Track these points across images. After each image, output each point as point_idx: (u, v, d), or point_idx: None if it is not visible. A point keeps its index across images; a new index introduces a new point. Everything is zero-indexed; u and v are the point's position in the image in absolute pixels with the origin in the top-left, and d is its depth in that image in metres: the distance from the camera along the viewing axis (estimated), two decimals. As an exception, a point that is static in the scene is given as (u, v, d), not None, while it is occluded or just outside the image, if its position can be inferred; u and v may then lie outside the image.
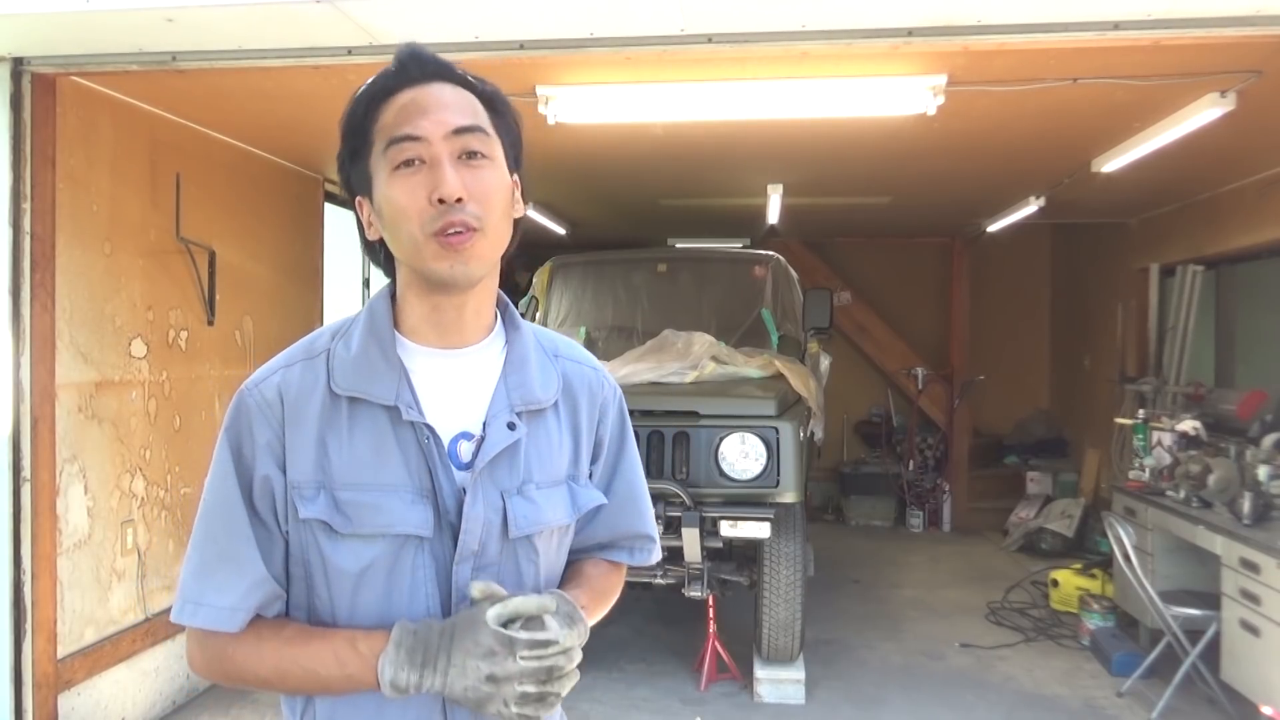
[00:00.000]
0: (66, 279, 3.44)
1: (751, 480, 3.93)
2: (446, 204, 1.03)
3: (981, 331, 8.47)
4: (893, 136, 4.32)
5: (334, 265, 5.74)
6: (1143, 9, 2.66)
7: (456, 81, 1.10)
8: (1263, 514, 4.00)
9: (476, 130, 1.07)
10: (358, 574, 1.07)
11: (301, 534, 1.08)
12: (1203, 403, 5.47)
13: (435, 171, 1.04)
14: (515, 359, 1.16)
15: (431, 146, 1.05)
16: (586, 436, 1.22)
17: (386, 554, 1.07)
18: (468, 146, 1.06)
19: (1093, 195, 5.76)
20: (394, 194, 1.06)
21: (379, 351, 1.10)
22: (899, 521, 8.13)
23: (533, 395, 1.15)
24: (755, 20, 2.79)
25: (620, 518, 1.28)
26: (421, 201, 1.04)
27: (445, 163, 1.05)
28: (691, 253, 6.56)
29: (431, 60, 1.09)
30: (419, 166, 1.05)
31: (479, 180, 1.06)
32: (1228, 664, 3.95)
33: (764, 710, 4.16)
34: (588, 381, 1.23)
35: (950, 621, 5.44)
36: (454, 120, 1.06)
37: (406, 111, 1.06)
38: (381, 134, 1.08)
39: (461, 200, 1.04)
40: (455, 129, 1.06)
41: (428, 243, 1.05)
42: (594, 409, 1.23)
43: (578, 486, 1.19)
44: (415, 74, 1.08)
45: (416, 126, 1.05)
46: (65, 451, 3.45)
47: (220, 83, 3.53)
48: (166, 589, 4.08)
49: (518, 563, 1.13)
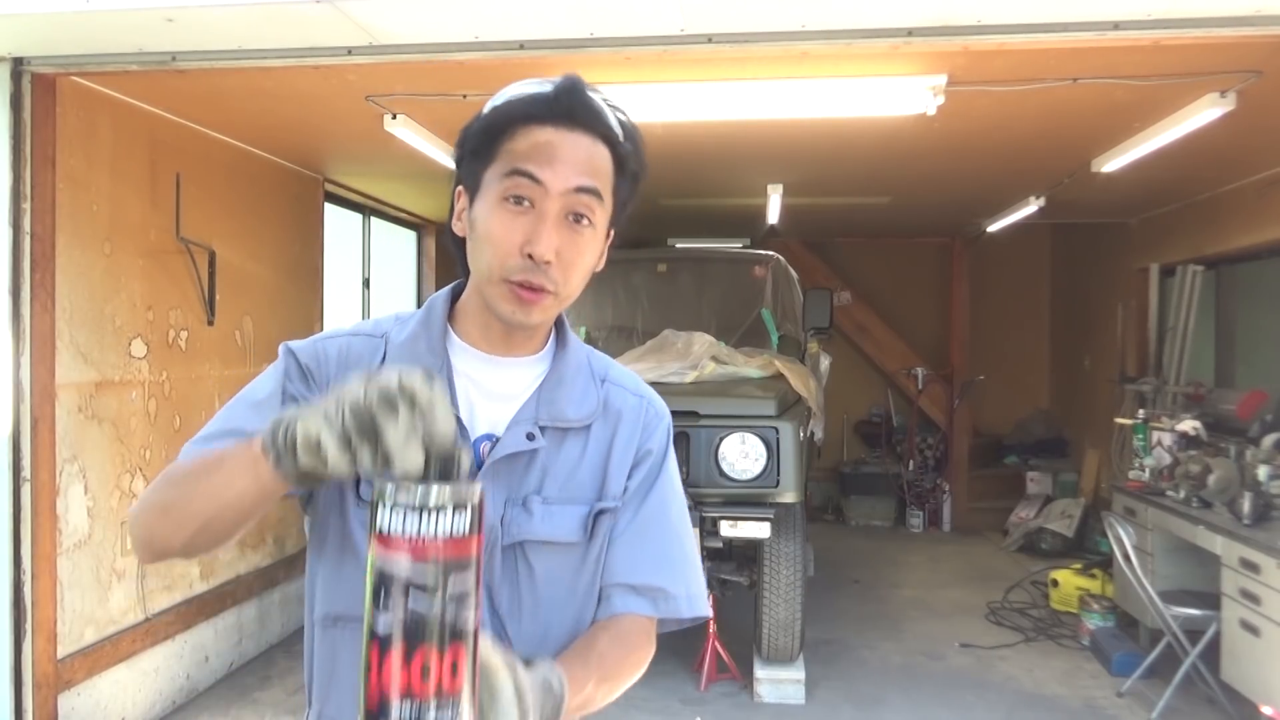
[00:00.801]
0: (66, 279, 3.44)
1: (751, 480, 3.93)
2: (535, 260, 1.04)
3: (981, 331, 8.47)
4: (893, 136, 4.32)
5: (334, 265, 5.74)
6: (1143, 9, 2.66)
7: (600, 134, 1.09)
8: (1263, 514, 3.99)
9: (593, 194, 1.07)
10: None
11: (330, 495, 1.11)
12: (1203, 403, 5.47)
13: (539, 225, 1.05)
14: (554, 377, 1.16)
15: (546, 197, 1.05)
16: (619, 459, 1.19)
17: None
18: (578, 209, 1.07)
19: (1093, 195, 5.76)
20: (493, 223, 1.07)
21: (426, 344, 1.14)
22: (899, 521, 8.13)
23: (561, 413, 1.15)
24: (755, 20, 2.79)
25: (635, 554, 1.18)
26: (513, 244, 1.05)
27: (550, 220, 1.05)
28: (691, 253, 6.56)
29: (588, 105, 1.08)
30: (527, 208, 1.05)
31: (574, 246, 1.07)
32: (1228, 664, 3.95)
33: (764, 710, 4.16)
34: (632, 409, 1.21)
35: (950, 621, 5.44)
36: (577, 179, 1.06)
37: (539, 151, 1.05)
38: (507, 156, 1.07)
39: (550, 263, 1.05)
40: (575, 188, 1.06)
41: (500, 284, 1.07)
42: (633, 437, 1.20)
43: (602, 507, 1.16)
44: (564, 112, 1.06)
45: (541, 171, 1.05)
46: (65, 451, 3.45)
47: (220, 83, 3.52)
48: (166, 589, 4.08)
49: (515, 575, 1.13)
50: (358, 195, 6.09)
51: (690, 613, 1.19)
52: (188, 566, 4.22)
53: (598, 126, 1.08)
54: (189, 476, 1.02)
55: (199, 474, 1.01)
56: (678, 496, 1.24)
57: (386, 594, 0.80)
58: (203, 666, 4.32)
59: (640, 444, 1.20)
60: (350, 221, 6.22)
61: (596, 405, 1.18)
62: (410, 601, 0.80)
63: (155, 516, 1.04)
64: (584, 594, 1.17)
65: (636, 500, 1.20)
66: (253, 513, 1.00)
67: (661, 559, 1.19)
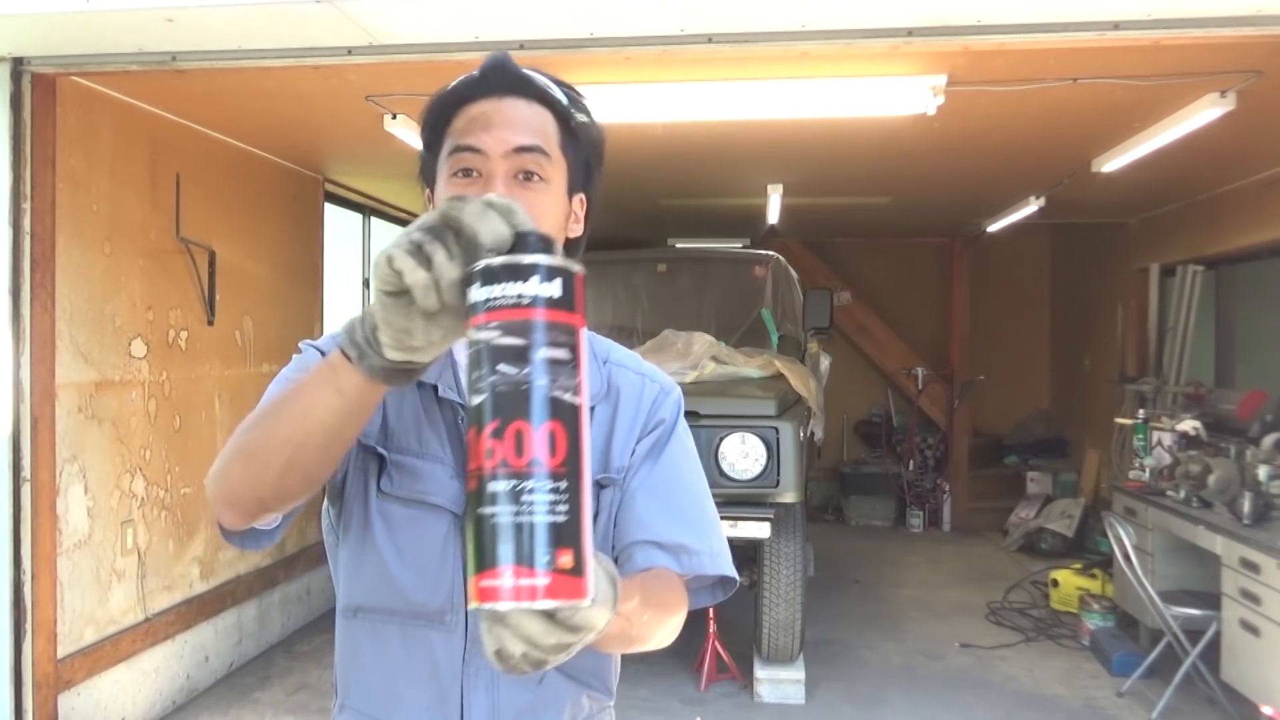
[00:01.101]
0: (66, 279, 3.44)
1: (751, 480, 3.93)
2: None
3: (981, 331, 8.47)
4: (893, 136, 4.32)
5: (334, 265, 5.74)
6: (1143, 9, 2.66)
7: (534, 96, 1.11)
8: (1263, 514, 3.99)
9: (536, 151, 1.08)
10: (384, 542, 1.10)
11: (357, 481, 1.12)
12: (1203, 403, 5.47)
13: (487, 187, 1.07)
14: None
15: (489, 162, 1.07)
16: (621, 439, 1.17)
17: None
18: (524, 167, 1.08)
19: (1093, 195, 5.76)
20: (446, 198, 1.09)
21: None
22: (899, 521, 8.13)
23: None
24: (755, 20, 2.79)
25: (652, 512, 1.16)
26: None
27: (498, 182, 1.07)
28: (691, 253, 6.57)
29: (514, 73, 1.11)
30: (475, 178, 1.08)
31: (529, 203, 1.06)
32: (1228, 664, 3.95)
33: (764, 710, 4.16)
34: (634, 386, 1.21)
35: (950, 621, 5.44)
36: (516, 139, 1.07)
37: (475, 123, 1.08)
38: (450, 137, 1.10)
39: None
40: (515, 148, 1.07)
41: None
42: (638, 413, 1.19)
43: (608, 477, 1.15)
44: (494, 85, 1.10)
45: (479, 140, 1.07)
46: (65, 451, 3.45)
47: (220, 82, 3.52)
48: (166, 589, 4.08)
49: None
50: (358, 195, 6.09)
51: (714, 569, 1.14)
52: (188, 566, 4.22)
53: (530, 91, 1.11)
54: (266, 414, 0.96)
55: (277, 407, 0.95)
56: (692, 459, 1.21)
57: (480, 369, 0.75)
58: (203, 666, 4.32)
59: (649, 417, 1.19)
60: (350, 221, 6.22)
61: (601, 386, 1.18)
62: (501, 374, 0.74)
63: (238, 466, 0.96)
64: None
65: (649, 462, 1.17)
66: (340, 434, 0.93)
67: (679, 516, 1.15)
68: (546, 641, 0.73)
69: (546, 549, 0.71)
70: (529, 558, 0.71)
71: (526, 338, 0.74)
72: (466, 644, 1.10)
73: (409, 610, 1.10)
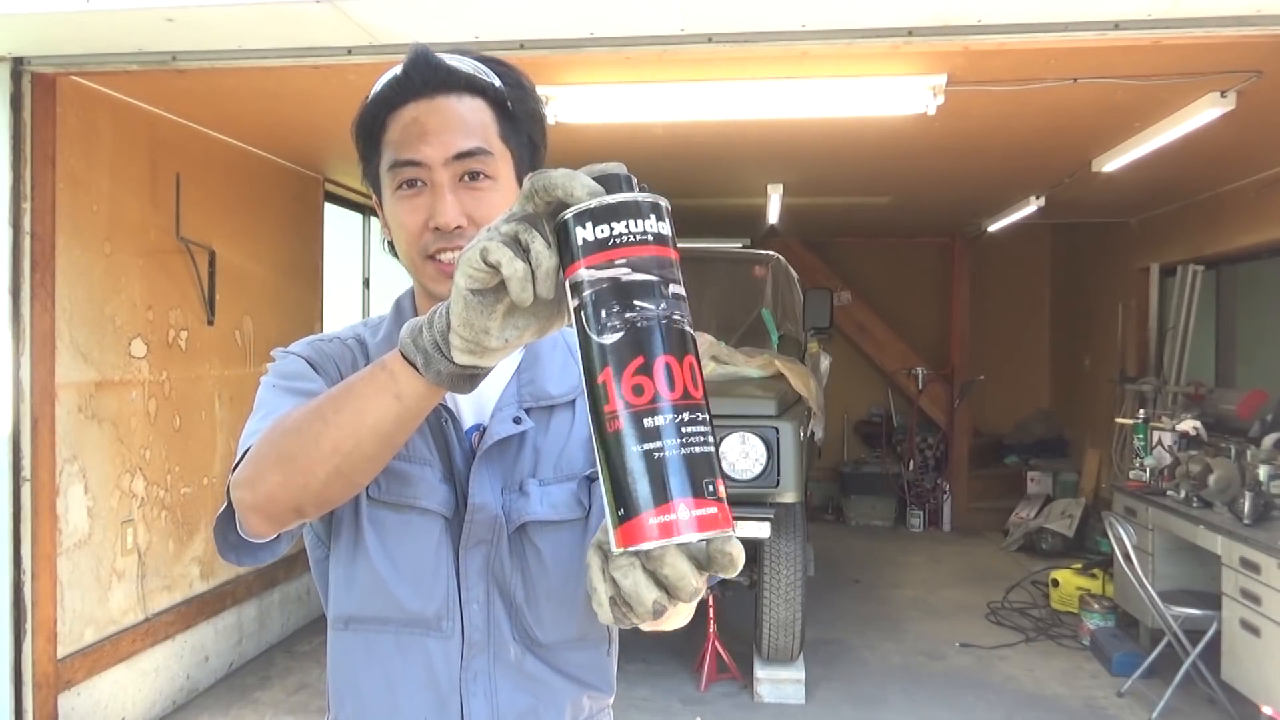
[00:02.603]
0: (66, 279, 3.44)
1: (751, 480, 3.93)
2: (442, 230, 1.04)
3: (981, 331, 8.47)
4: (893, 136, 4.32)
5: (334, 265, 5.74)
6: (1143, 9, 2.66)
7: (464, 88, 1.07)
8: (1263, 514, 3.99)
9: (479, 153, 1.06)
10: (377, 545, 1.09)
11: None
12: (1203, 403, 5.47)
13: (435, 197, 1.05)
14: (530, 356, 1.16)
15: (432, 172, 1.05)
16: None
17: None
18: (469, 169, 1.06)
19: (1093, 195, 5.76)
20: (396, 213, 1.08)
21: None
22: (899, 521, 8.13)
23: (544, 391, 1.15)
24: (755, 20, 2.79)
25: None
26: (419, 224, 1.05)
27: (445, 190, 1.05)
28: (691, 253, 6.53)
29: (438, 68, 1.06)
30: (420, 188, 1.06)
31: (479, 203, 1.06)
32: (1228, 664, 3.95)
33: (764, 710, 4.16)
34: None
35: (950, 621, 5.44)
36: (456, 143, 1.05)
37: (409, 132, 1.05)
38: (388, 149, 1.07)
39: (461, 227, 1.05)
40: (457, 154, 1.05)
41: (425, 264, 1.07)
42: None
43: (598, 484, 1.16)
44: (420, 84, 1.06)
45: (417, 151, 1.04)
46: (65, 451, 3.45)
47: (220, 82, 3.52)
48: (166, 589, 4.08)
49: (525, 559, 1.12)
50: (358, 195, 6.09)
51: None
52: (188, 566, 4.22)
53: (456, 84, 1.06)
54: (309, 420, 0.90)
55: (322, 413, 0.89)
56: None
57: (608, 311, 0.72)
58: (202, 666, 4.32)
59: None
60: (350, 221, 6.22)
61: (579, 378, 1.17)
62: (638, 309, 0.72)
63: (276, 474, 0.91)
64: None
65: None
66: (393, 441, 0.90)
67: None
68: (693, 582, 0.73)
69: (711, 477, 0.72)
70: (700, 488, 0.71)
71: (657, 273, 0.73)
72: (464, 649, 1.09)
73: (404, 618, 1.09)
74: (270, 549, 1.05)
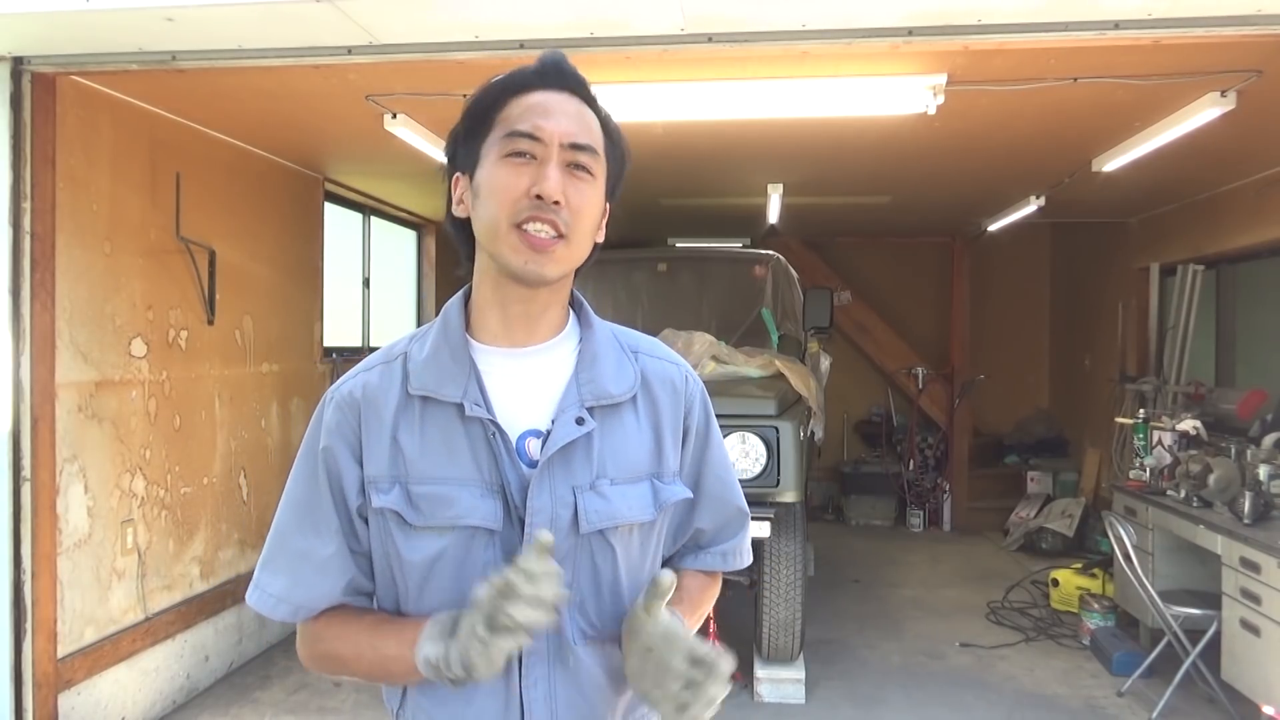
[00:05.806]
0: (66, 279, 3.44)
1: (751, 480, 3.93)
2: (544, 201, 1.08)
3: (981, 331, 8.47)
4: (893, 136, 4.32)
5: (334, 265, 5.74)
6: (1143, 8, 2.66)
7: (586, 100, 1.15)
8: (1263, 513, 4.00)
9: (590, 149, 1.12)
10: (428, 565, 1.11)
11: (379, 527, 1.13)
12: (1203, 402, 5.47)
13: (542, 169, 1.08)
14: (587, 356, 1.18)
15: (547, 148, 1.09)
16: (670, 432, 1.21)
17: (457, 545, 1.11)
18: (578, 160, 1.11)
19: (1093, 195, 5.76)
20: (498, 175, 1.10)
21: (449, 353, 1.15)
22: (899, 521, 8.13)
23: (604, 390, 1.16)
24: (755, 20, 2.79)
25: (711, 515, 1.28)
26: (520, 190, 1.08)
27: (553, 164, 1.09)
28: (691, 252, 6.56)
29: (572, 73, 1.14)
30: (529, 161, 1.09)
31: (579, 193, 1.11)
32: (1228, 664, 3.95)
33: (764, 710, 4.16)
34: (669, 377, 1.23)
35: (950, 621, 5.45)
36: (574, 133, 1.11)
37: (534, 110, 1.10)
38: (503, 123, 1.11)
39: (559, 203, 1.08)
40: (573, 143, 1.10)
41: (509, 233, 1.09)
42: (678, 404, 1.23)
43: (661, 483, 1.19)
44: (553, 80, 1.13)
45: (539, 127, 1.09)
46: (65, 451, 3.45)
47: (220, 82, 3.53)
48: (166, 589, 4.08)
49: (593, 559, 1.14)
50: (358, 195, 6.09)
51: (744, 563, 1.33)
52: (188, 566, 4.23)
53: (583, 91, 1.15)
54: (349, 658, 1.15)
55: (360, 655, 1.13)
56: (725, 454, 1.31)
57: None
58: (203, 666, 4.33)
59: (687, 406, 1.24)
60: (350, 221, 6.22)
61: (635, 377, 1.20)
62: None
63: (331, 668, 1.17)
64: (651, 565, 1.22)
65: (698, 457, 1.26)
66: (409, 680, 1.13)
67: (727, 521, 1.30)
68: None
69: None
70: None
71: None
72: (523, 656, 1.11)
73: None
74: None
